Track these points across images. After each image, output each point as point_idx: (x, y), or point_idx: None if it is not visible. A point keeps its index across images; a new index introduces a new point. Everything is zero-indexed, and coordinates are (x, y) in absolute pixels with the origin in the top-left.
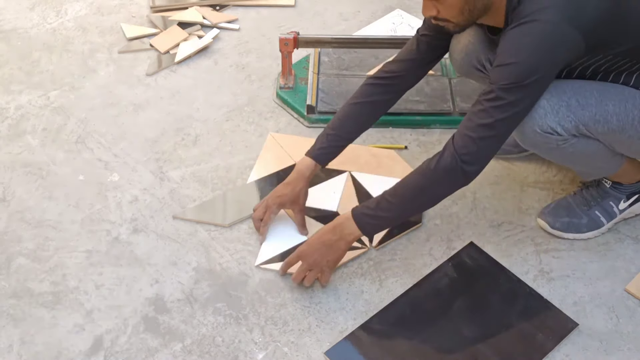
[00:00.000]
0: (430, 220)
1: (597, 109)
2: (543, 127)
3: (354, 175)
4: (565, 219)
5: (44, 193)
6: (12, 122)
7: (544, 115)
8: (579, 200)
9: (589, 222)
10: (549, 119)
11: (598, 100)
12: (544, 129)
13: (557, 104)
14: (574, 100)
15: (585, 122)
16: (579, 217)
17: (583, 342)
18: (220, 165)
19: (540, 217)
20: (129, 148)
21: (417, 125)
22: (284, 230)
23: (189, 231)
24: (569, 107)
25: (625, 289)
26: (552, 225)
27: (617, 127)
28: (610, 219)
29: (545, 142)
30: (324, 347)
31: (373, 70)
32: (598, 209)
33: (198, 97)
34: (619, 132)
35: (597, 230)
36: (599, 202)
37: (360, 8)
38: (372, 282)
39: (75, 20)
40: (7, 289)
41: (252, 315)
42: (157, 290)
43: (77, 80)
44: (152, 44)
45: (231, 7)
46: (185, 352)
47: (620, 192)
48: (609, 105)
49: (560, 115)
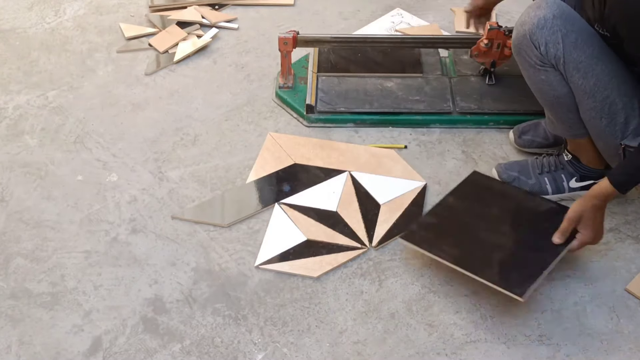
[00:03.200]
0: None
1: (587, 60)
2: (533, 36)
3: (354, 175)
4: (514, 173)
5: (42, 193)
6: (10, 122)
7: (541, 26)
8: (535, 164)
9: (534, 185)
10: (542, 33)
11: (593, 54)
12: (533, 38)
13: (558, 26)
14: (573, 36)
15: (568, 60)
16: (528, 177)
17: (584, 342)
18: (220, 165)
19: (495, 166)
20: (127, 148)
21: (417, 124)
22: (283, 230)
23: (188, 231)
24: (565, 37)
25: (626, 289)
26: (500, 174)
27: (590, 89)
28: (558, 192)
29: (527, 52)
30: (323, 347)
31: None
32: (548, 177)
33: (197, 97)
34: (588, 94)
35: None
36: (552, 170)
37: (359, 7)
38: (371, 283)
39: (74, 20)
40: (5, 290)
41: (252, 316)
42: (156, 291)
43: (75, 80)
44: (150, 43)
45: (230, 6)
46: (184, 353)
47: (575, 169)
48: (599, 65)
49: (553, 37)
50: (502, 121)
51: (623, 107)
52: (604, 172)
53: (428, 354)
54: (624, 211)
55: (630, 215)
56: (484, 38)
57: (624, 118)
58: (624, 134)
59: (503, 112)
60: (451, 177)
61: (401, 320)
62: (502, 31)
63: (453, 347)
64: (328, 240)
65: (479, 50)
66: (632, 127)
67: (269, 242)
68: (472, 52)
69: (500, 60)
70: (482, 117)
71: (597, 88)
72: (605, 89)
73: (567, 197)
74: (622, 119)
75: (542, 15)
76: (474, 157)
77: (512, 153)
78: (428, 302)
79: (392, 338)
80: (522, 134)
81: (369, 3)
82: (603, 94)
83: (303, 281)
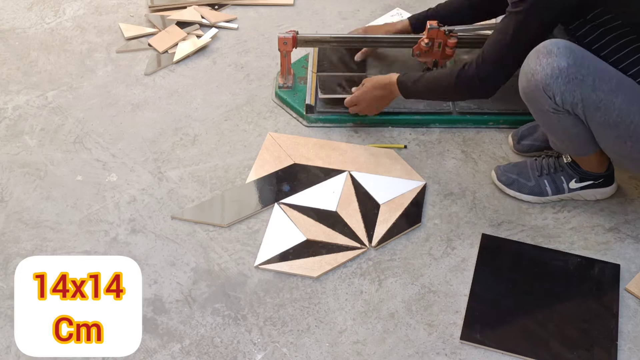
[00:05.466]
0: (430, 220)
1: (606, 96)
2: (546, 87)
3: (353, 174)
4: (513, 175)
5: (42, 193)
6: (9, 123)
7: (555, 76)
8: (534, 166)
9: (534, 187)
10: (557, 83)
11: (612, 88)
12: (547, 89)
13: (574, 74)
14: (590, 80)
15: (588, 104)
16: (528, 179)
17: None
18: (219, 165)
19: (494, 169)
20: (127, 148)
21: (416, 124)
22: (283, 230)
23: (187, 231)
24: (582, 83)
25: (626, 288)
26: (498, 177)
27: (614, 122)
28: (557, 193)
29: (540, 101)
30: (323, 347)
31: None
32: (547, 179)
33: (196, 97)
34: (612, 127)
35: (539, 197)
36: (552, 172)
37: (359, 7)
38: (371, 282)
39: (74, 20)
40: (5, 290)
41: (251, 316)
42: (155, 291)
43: (75, 80)
44: (150, 43)
45: (230, 6)
46: (184, 353)
47: (575, 171)
48: (619, 97)
49: (569, 86)
50: (502, 121)
51: None
52: (603, 174)
53: (427, 353)
54: (623, 211)
55: (630, 215)
56: (425, 38)
57: None
58: None
59: (503, 112)
60: (451, 177)
61: (401, 320)
62: (442, 31)
63: (452, 346)
64: (327, 240)
65: (420, 50)
66: None
67: (268, 242)
68: (414, 51)
69: (442, 59)
70: (482, 117)
71: (620, 119)
72: (628, 116)
73: (567, 197)
74: None
75: (556, 65)
76: (473, 157)
77: (511, 153)
78: (427, 301)
79: (391, 338)
80: (521, 139)
81: (368, 3)
82: (626, 121)
83: (302, 281)
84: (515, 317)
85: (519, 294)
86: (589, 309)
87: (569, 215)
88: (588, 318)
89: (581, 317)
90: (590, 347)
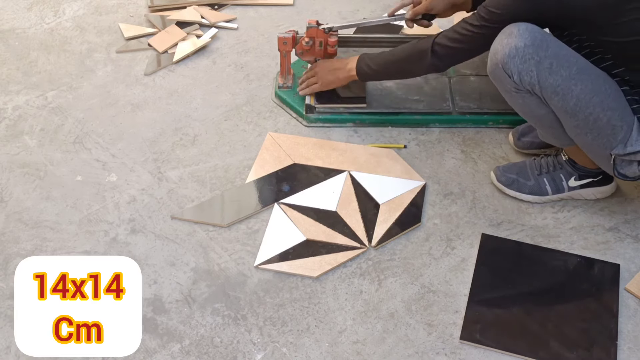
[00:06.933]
0: (430, 220)
1: (564, 82)
2: (505, 66)
3: (353, 174)
4: (513, 175)
5: (41, 194)
6: (9, 123)
7: (512, 55)
8: (533, 165)
9: (534, 186)
10: (514, 62)
11: (571, 75)
12: (506, 67)
13: (530, 55)
14: (547, 62)
15: (544, 86)
16: (527, 178)
17: None
18: (219, 165)
19: (493, 169)
20: (127, 148)
21: (416, 124)
22: (282, 230)
23: (187, 231)
24: (539, 64)
25: (625, 288)
26: (498, 178)
27: (571, 110)
28: (557, 192)
29: (501, 80)
30: (322, 347)
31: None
32: (547, 177)
33: (196, 97)
34: (570, 114)
35: (540, 196)
36: (551, 171)
37: (358, 7)
38: (371, 282)
39: (73, 20)
40: (5, 290)
41: (251, 316)
42: (155, 291)
43: (74, 80)
44: (150, 43)
45: (230, 6)
46: (184, 353)
47: (573, 169)
48: (578, 86)
49: (525, 65)
50: (502, 121)
51: (608, 120)
52: (601, 171)
53: (427, 353)
54: (623, 210)
55: (630, 215)
56: (305, 37)
57: (610, 130)
58: (612, 145)
59: (502, 111)
60: (450, 177)
61: (400, 319)
62: (321, 29)
63: (452, 346)
64: (327, 240)
65: (302, 49)
66: (620, 137)
67: (268, 242)
68: (297, 50)
69: (325, 57)
70: (482, 117)
71: (579, 108)
72: (587, 107)
73: (567, 196)
74: (609, 131)
75: (514, 45)
76: (473, 157)
77: (511, 153)
78: (427, 301)
79: (391, 337)
80: (522, 136)
81: (368, 3)
82: (585, 112)
83: (302, 281)
84: (515, 316)
85: (518, 294)
86: (589, 308)
87: (569, 215)
88: (588, 318)
89: (581, 316)
90: (590, 347)
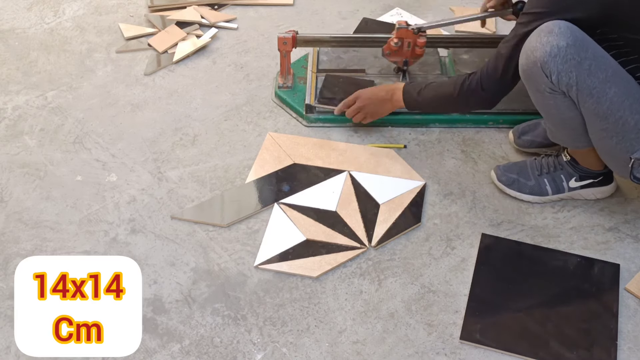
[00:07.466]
0: (430, 220)
1: (600, 84)
2: (544, 65)
3: (353, 174)
4: (513, 175)
5: (41, 194)
6: (9, 123)
7: (554, 55)
8: (534, 165)
9: (534, 186)
10: (555, 62)
11: (607, 78)
12: (545, 67)
13: (572, 55)
14: (587, 63)
15: (582, 88)
16: (528, 178)
17: None
18: (219, 165)
19: (493, 169)
20: (126, 148)
21: (416, 124)
22: (283, 230)
23: (187, 231)
24: (579, 65)
25: (625, 288)
26: (498, 177)
27: (602, 113)
28: (557, 192)
29: (537, 79)
30: (322, 347)
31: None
32: (547, 178)
33: (196, 97)
34: (601, 117)
35: (540, 196)
36: (551, 171)
37: (359, 7)
38: (371, 282)
39: (73, 20)
40: (4, 290)
41: (251, 316)
42: (155, 291)
43: (74, 80)
44: (150, 43)
45: (229, 6)
46: (184, 353)
47: (574, 169)
48: (612, 89)
49: (566, 65)
50: (502, 120)
51: (635, 124)
52: (602, 172)
53: (427, 353)
54: (623, 210)
55: (630, 215)
56: (394, 37)
57: (635, 134)
58: (635, 148)
59: (502, 111)
60: (450, 177)
61: (400, 319)
62: (410, 30)
63: (452, 346)
64: (327, 240)
65: (390, 50)
66: None
67: (268, 242)
68: (384, 51)
69: (412, 59)
70: (482, 117)
71: (610, 111)
72: (618, 111)
73: (567, 196)
74: (634, 135)
75: (556, 44)
76: (473, 157)
77: (511, 152)
78: (427, 301)
79: (391, 338)
80: (522, 134)
81: (368, 3)
82: (616, 115)
83: (302, 281)
84: (515, 316)
85: (518, 294)
86: (589, 308)
87: (569, 215)
88: (588, 318)
89: (581, 316)
90: (590, 347)
